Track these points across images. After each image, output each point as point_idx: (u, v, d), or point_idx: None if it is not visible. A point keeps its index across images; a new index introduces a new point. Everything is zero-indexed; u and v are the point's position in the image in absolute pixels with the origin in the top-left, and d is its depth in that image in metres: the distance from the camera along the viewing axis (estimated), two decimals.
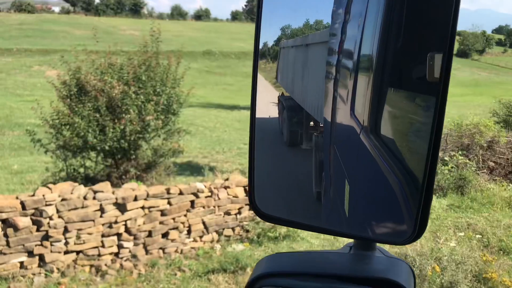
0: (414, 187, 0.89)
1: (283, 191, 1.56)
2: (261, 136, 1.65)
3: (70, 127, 9.70)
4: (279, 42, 1.63)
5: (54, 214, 7.36)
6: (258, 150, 1.47)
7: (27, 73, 39.87)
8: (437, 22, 0.84)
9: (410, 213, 0.86)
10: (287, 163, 1.65)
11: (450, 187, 10.82)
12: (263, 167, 1.50)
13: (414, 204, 0.87)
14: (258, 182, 1.39)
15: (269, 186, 1.57)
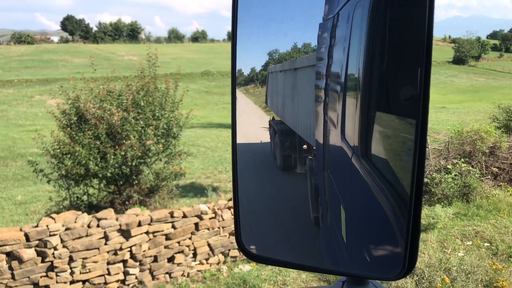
0: (407, 212, 0.89)
1: (277, 219, 1.55)
2: (252, 162, 1.65)
3: (72, 155, 9.73)
4: (267, 67, 1.64)
5: (58, 244, 7.32)
6: (246, 178, 1.46)
7: (28, 103, 40.19)
8: (418, 43, 0.85)
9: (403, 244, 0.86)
10: (282, 189, 1.64)
11: (455, 195, 10.74)
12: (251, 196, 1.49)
13: (405, 230, 0.87)
14: (245, 217, 1.38)
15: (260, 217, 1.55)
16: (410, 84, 0.86)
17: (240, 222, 1.35)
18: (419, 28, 0.81)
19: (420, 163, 0.80)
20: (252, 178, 1.65)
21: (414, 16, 0.89)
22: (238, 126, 1.52)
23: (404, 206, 0.91)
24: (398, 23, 1.06)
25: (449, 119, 27.16)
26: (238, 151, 1.45)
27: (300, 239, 1.56)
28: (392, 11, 1.04)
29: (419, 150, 0.79)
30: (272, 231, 1.58)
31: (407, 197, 0.89)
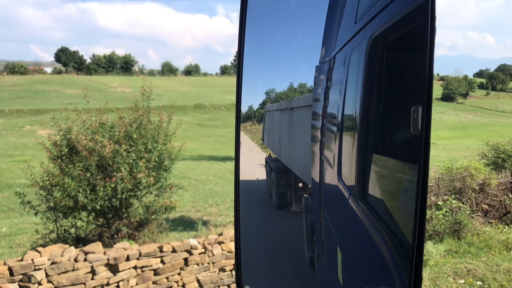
0: (405, 255, 0.88)
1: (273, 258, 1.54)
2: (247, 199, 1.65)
3: (61, 187, 9.60)
4: (264, 105, 1.67)
5: (43, 279, 7.13)
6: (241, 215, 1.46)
7: (19, 133, 39.93)
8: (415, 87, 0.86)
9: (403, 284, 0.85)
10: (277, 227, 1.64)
11: (446, 232, 10.72)
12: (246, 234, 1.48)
13: (406, 274, 0.86)
14: (246, 257, 1.37)
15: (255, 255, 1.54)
16: (407, 127, 0.87)
17: (241, 264, 1.34)
18: (416, 73, 0.83)
19: (422, 209, 0.80)
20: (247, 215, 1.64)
21: (411, 61, 0.92)
22: None
23: (401, 249, 0.91)
24: (395, 67, 1.09)
25: (439, 155, 27.41)
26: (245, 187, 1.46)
27: (295, 279, 1.55)
28: (389, 55, 1.06)
29: (421, 195, 0.79)
30: (267, 270, 1.56)
31: (405, 239, 0.88)
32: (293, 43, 1.49)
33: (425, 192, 0.79)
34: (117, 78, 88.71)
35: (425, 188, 0.78)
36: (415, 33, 0.87)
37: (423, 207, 0.79)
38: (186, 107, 56.75)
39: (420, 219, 0.80)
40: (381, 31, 1.04)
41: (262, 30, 1.50)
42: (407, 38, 0.94)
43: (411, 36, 0.91)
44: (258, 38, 1.48)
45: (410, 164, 0.92)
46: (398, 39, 0.99)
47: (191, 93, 69.30)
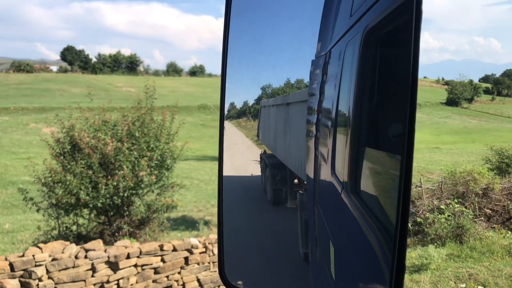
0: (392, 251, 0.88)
1: (267, 254, 1.53)
2: (242, 195, 1.64)
3: (63, 184, 9.63)
4: (259, 100, 1.66)
5: (43, 275, 7.14)
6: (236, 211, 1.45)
7: (24, 131, 40.14)
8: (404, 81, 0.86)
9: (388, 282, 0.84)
10: (272, 223, 1.62)
11: (448, 236, 10.67)
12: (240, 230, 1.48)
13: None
14: (232, 250, 1.36)
15: (249, 251, 1.53)
16: (399, 121, 0.86)
17: (224, 255, 1.33)
18: (405, 67, 0.82)
19: (405, 201, 0.79)
20: (241, 211, 1.64)
21: (401, 55, 0.91)
22: (229, 159, 1.52)
23: (391, 244, 0.90)
24: (387, 61, 1.08)
25: (443, 160, 27.30)
26: (227, 184, 1.45)
27: (290, 274, 1.54)
28: (381, 49, 1.06)
29: (403, 187, 0.79)
30: (261, 266, 1.55)
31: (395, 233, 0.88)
32: (289, 37, 1.48)
33: (408, 186, 0.79)
34: (122, 77, 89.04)
35: (409, 182, 0.78)
36: (405, 27, 0.87)
37: (406, 201, 0.78)
38: (190, 107, 56.86)
39: (403, 213, 0.80)
40: (374, 24, 1.03)
41: (255, 25, 1.49)
42: (398, 32, 0.93)
43: (401, 29, 0.91)
44: (249, 33, 1.48)
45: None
46: (391, 32, 0.98)
47: (195, 94, 69.44)
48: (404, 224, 0.81)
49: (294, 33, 1.47)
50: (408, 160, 0.79)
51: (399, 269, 0.81)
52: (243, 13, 1.41)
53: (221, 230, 1.34)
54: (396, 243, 0.80)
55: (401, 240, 0.81)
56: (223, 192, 1.40)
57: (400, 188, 0.79)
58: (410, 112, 0.78)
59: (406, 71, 0.81)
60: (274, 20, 1.47)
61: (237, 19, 1.39)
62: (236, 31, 1.39)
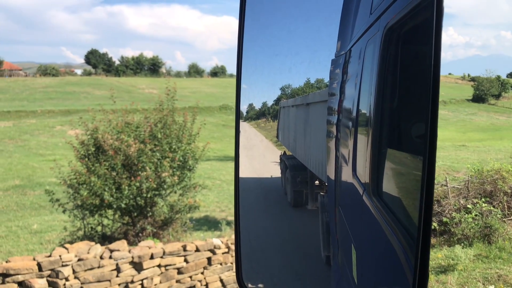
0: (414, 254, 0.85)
1: (288, 257, 1.50)
2: (262, 196, 1.62)
3: (87, 186, 9.82)
4: (278, 101, 1.64)
5: (70, 274, 7.29)
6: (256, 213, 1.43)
7: (50, 133, 41.08)
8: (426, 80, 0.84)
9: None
10: (292, 226, 1.60)
11: (476, 236, 10.40)
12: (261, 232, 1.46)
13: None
14: (254, 251, 1.34)
15: (270, 254, 1.51)
16: (422, 121, 0.84)
17: (241, 258, 1.31)
18: (427, 65, 0.80)
19: (428, 202, 0.76)
20: (261, 213, 1.62)
21: (422, 53, 0.88)
22: (248, 160, 1.51)
23: (415, 247, 0.87)
24: (409, 59, 1.05)
25: (469, 158, 26.70)
26: (247, 185, 1.43)
27: (311, 278, 1.51)
28: (403, 47, 1.03)
29: (426, 188, 0.76)
30: (281, 269, 1.53)
31: None
32: (304, 39, 1.45)
33: (431, 187, 0.76)
34: (145, 79, 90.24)
35: (431, 183, 0.75)
36: (426, 24, 0.84)
37: (428, 203, 0.76)
38: (211, 108, 57.20)
39: (425, 215, 0.77)
40: (395, 22, 1.00)
41: (270, 27, 1.47)
42: (419, 29, 0.91)
43: (422, 27, 0.88)
44: (264, 35, 1.46)
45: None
46: (413, 30, 0.96)
47: (216, 94, 69.82)
48: (427, 227, 0.78)
49: (310, 35, 1.44)
50: (430, 161, 0.77)
51: (422, 273, 0.78)
52: (257, 16, 1.39)
53: (238, 232, 1.33)
54: (418, 246, 0.78)
55: (424, 243, 0.78)
56: (239, 194, 1.39)
57: (422, 189, 0.77)
58: (432, 112, 0.76)
59: (427, 70, 0.78)
60: (289, 22, 1.45)
61: (251, 21, 1.37)
62: (250, 33, 1.38)
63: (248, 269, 1.34)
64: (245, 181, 1.49)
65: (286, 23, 1.45)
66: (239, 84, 1.37)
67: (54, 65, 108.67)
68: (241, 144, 1.54)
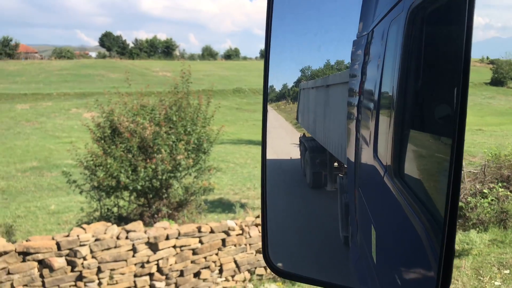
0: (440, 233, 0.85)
1: (306, 237, 1.52)
2: (281, 178, 1.63)
3: (104, 167, 9.95)
4: (298, 83, 1.63)
5: (87, 254, 7.45)
6: (275, 194, 1.45)
7: (65, 116, 41.58)
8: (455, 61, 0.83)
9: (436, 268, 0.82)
10: (312, 207, 1.61)
11: (491, 221, 10.33)
12: (280, 213, 1.47)
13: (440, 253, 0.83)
14: (274, 233, 1.36)
15: (288, 234, 1.52)
16: (446, 102, 0.83)
17: (267, 238, 1.33)
18: (456, 46, 0.79)
19: (455, 185, 0.76)
20: (281, 194, 1.63)
21: (451, 33, 0.87)
22: (268, 142, 1.52)
23: (438, 229, 0.87)
24: (434, 40, 1.03)
25: (486, 142, 26.33)
26: (268, 167, 1.44)
27: (329, 257, 1.53)
28: (428, 27, 1.01)
29: (454, 171, 0.76)
30: (300, 248, 1.55)
31: (441, 219, 0.85)
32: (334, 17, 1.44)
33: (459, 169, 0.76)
34: (158, 62, 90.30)
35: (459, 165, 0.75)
36: (454, 4, 0.83)
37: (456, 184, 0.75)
38: (225, 91, 57.11)
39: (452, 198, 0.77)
40: (420, 2, 0.99)
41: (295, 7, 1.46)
42: (446, 9, 0.89)
43: (449, 7, 0.87)
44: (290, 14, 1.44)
45: (449, 141, 0.88)
46: (438, 11, 0.94)
47: (230, 77, 69.63)
48: (454, 209, 0.78)
49: (339, 14, 1.43)
50: (459, 143, 0.77)
51: (447, 255, 0.78)
52: None
53: (265, 213, 1.34)
54: (445, 228, 0.78)
55: (450, 225, 0.78)
56: (266, 176, 1.40)
57: (450, 171, 0.76)
58: (462, 94, 0.75)
59: (456, 50, 0.78)
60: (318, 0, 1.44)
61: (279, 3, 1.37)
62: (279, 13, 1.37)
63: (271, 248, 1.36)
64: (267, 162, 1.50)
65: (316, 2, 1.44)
66: (267, 65, 1.36)
67: (69, 48, 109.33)
68: None
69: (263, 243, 1.30)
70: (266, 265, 1.24)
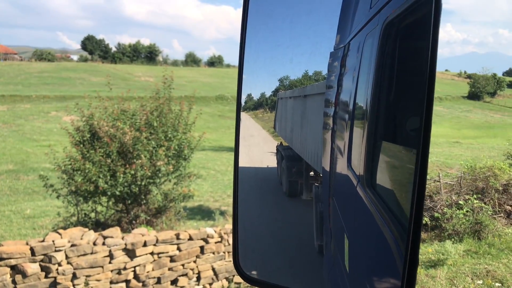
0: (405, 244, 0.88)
1: (281, 246, 1.53)
2: (258, 186, 1.64)
3: (82, 172, 9.81)
4: (277, 92, 1.65)
5: (63, 260, 7.31)
6: (251, 202, 1.46)
7: (45, 118, 40.86)
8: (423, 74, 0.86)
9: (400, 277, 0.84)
10: (287, 215, 1.63)
11: (466, 232, 10.53)
12: (255, 221, 1.48)
13: None
14: (249, 239, 1.37)
15: (264, 242, 1.53)
16: (417, 115, 0.86)
17: (238, 245, 1.34)
18: (423, 60, 0.82)
19: (420, 195, 0.79)
20: (257, 202, 1.64)
21: (421, 48, 0.90)
22: (245, 150, 1.53)
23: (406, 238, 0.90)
24: (406, 54, 1.07)
25: (463, 154, 26.87)
26: (243, 175, 1.45)
27: (304, 266, 1.54)
28: (401, 42, 1.04)
29: (418, 181, 0.79)
30: (275, 257, 1.56)
31: None
32: (306, 30, 1.47)
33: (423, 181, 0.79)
34: (141, 67, 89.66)
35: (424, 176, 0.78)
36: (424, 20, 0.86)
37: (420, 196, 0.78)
38: (208, 98, 57.02)
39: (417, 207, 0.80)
40: (394, 17, 1.02)
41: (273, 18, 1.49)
42: (417, 25, 0.93)
43: (420, 22, 0.90)
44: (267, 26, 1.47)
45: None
46: (411, 25, 0.97)
47: (213, 84, 69.56)
48: (418, 218, 0.81)
49: (311, 27, 1.46)
50: (423, 154, 0.79)
51: (412, 263, 0.81)
52: (260, 6, 1.40)
53: (236, 220, 1.35)
54: (409, 237, 0.80)
55: (415, 233, 0.81)
56: (238, 183, 1.41)
57: (415, 182, 0.79)
58: (427, 107, 0.78)
59: (424, 65, 0.80)
60: (291, 13, 1.46)
61: (255, 12, 1.39)
62: (254, 24, 1.39)
63: (244, 256, 1.37)
64: (242, 170, 1.51)
65: (289, 15, 1.46)
66: (241, 74, 1.38)
67: (50, 50, 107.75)
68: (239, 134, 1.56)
69: (234, 251, 1.31)
70: (236, 272, 1.25)
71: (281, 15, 1.49)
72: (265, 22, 1.47)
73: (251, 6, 1.37)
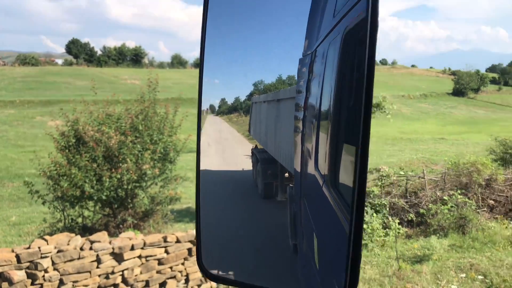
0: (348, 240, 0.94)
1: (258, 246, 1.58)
2: (232, 188, 1.69)
3: (68, 177, 9.75)
4: (251, 97, 1.70)
5: (49, 266, 7.27)
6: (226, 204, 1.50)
7: (29, 124, 40.34)
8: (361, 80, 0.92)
9: None
10: (263, 217, 1.68)
11: (451, 227, 10.72)
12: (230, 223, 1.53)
13: None
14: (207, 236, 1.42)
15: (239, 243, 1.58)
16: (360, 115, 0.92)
17: (201, 244, 1.39)
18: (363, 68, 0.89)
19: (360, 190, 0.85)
20: (232, 204, 1.69)
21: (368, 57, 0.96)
22: (220, 153, 1.58)
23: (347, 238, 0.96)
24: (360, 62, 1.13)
25: (448, 150, 27.21)
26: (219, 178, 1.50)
27: (279, 265, 1.60)
28: (359, 49, 1.11)
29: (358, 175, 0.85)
30: (251, 257, 1.61)
31: None
32: (276, 35, 1.52)
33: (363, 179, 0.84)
34: (127, 70, 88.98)
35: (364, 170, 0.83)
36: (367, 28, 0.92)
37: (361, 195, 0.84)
38: (194, 99, 56.74)
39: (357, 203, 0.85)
40: (352, 26, 1.08)
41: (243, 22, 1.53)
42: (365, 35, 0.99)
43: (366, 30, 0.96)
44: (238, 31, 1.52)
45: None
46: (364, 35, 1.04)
47: None
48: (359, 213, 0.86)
49: (282, 32, 1.51)
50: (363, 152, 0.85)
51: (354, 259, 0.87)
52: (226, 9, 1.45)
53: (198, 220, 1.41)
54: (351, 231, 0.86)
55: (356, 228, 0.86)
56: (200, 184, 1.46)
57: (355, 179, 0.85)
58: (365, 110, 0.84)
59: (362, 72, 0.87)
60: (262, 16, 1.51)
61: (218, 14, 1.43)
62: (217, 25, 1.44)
63: (216, 257, 1.42)
64: (217, 173, 1.56)
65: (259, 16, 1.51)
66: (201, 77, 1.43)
67: (34, 54, 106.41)
68: (213, 137, 1.60)
69: (198, 250, 1.36)
70: (200, 271, 1.30)
71: (253, 18, 1.53)
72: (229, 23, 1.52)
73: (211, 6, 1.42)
